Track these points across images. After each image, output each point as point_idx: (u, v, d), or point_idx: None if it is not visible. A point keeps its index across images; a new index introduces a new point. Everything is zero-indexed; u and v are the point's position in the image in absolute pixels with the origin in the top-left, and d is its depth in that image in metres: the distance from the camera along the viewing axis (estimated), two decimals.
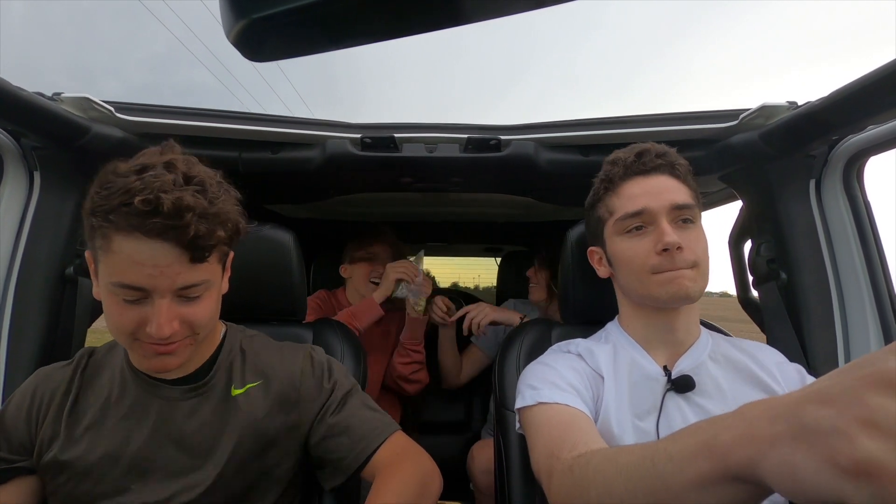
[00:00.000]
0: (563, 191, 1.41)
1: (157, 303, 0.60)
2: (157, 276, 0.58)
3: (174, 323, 0.61)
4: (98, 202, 0.58)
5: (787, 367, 0.75)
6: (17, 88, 0.74)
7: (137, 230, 0.57)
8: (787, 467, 0.30)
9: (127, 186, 0.56)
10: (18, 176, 0.93)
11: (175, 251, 0.58)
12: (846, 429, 0.27)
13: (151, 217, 0.56)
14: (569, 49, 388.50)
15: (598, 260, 0.85)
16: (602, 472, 0.49)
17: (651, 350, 0.77)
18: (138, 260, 0.57)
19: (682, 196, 0.74)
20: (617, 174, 0.77)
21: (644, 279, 0.73)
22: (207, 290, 0.65)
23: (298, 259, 0.96)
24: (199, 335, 0.66)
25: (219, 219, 0.61)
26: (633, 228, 0.75)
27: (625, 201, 0.75)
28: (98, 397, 0.71)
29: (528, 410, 0.72)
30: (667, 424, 0.69)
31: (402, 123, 1.02)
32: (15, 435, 0.68)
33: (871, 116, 0.78)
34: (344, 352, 0.99)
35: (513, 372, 0.93)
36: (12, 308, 0.90)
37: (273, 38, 0.27)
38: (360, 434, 0.73)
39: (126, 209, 0.56)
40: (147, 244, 0.57)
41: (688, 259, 0.71)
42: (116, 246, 0.58)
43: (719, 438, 0.36)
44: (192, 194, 0.58)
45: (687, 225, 0.73)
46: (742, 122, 0.93)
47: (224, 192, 0.64)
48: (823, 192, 0.98)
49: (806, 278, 0.95)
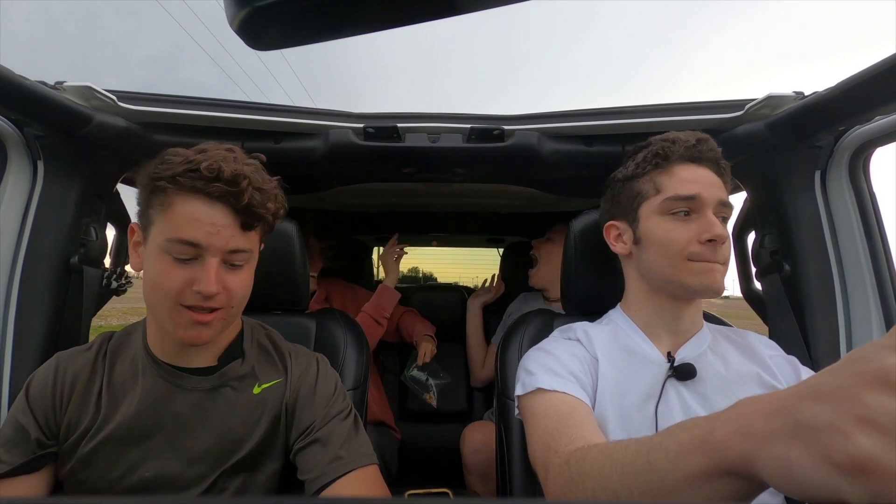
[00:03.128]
0: (566, 181, 1.40)
1: (209, 261, 0.64)
2: (214, 235, 0.64)
3: (220, 284, 0.65)
4: (161, 170, 0.64)
5: (781, 359, 0.76)
6: (20, 77, 0.74)
7: (200, 192, 0.63)
8: (783, 463, 0.30)
9: (191, 157, 0.64)
10: (22, 165, 0.93)
11: (230, 216, 0.65)
12: (842, 425, 0.27)
13: (214, 182, 0.62)
14: (571, 40, 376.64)
15: (616, 236, 0.82)
16: (598, 466, 0.49)
17: (653, 336, 0.77)
18: (198, 217, 0.63)
19: (725, 194, 0.75)
20: (675, 153, 0.75)
21: (678, 264, 0.72)
22: (248, 261, 0.70)
23: (301, 249, 0.97)
24: (234, 309, 0.69)
25: (269, 194, 0.68)
26: (679, 212, 0.73)
27: (677, 183, 0.74)
28: (119, 383, 0.71)
29: (527, 397, 0.72)
30: (666, 411, 0.69)
31: (404, 113, 1.02)
32: (42, 417, 0.69)
33: (878, 107, 0.77)
34: (347, 341, 0.99)
35: (514, 361, 0.93)
36: (18, 297, 0.91)
37: (276, 26, 0.27)
38: (339, 454, 0.71)
39: (192, 174, 0.63)
40: (207, 205, 0.64)
41: (724, 255, 0.71)
42: (178, 206, 0.63)
43: (715, 434, 0.36)
44: (249, 168, 0.66)
45: (724, 223, 0.74)
46: (748, 113, 0.93)
47: (272, 180, 0.71)
48: (829, 184, 0.97)
49: (809, 270, 0.95)
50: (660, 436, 0.44)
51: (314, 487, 0.69)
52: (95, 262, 1.01)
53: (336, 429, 0.73)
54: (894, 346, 0.28)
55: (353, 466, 0.70)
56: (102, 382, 0.71)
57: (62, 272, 0.95)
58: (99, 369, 0.72)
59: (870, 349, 0.29)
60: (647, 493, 0.42)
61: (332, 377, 0.80)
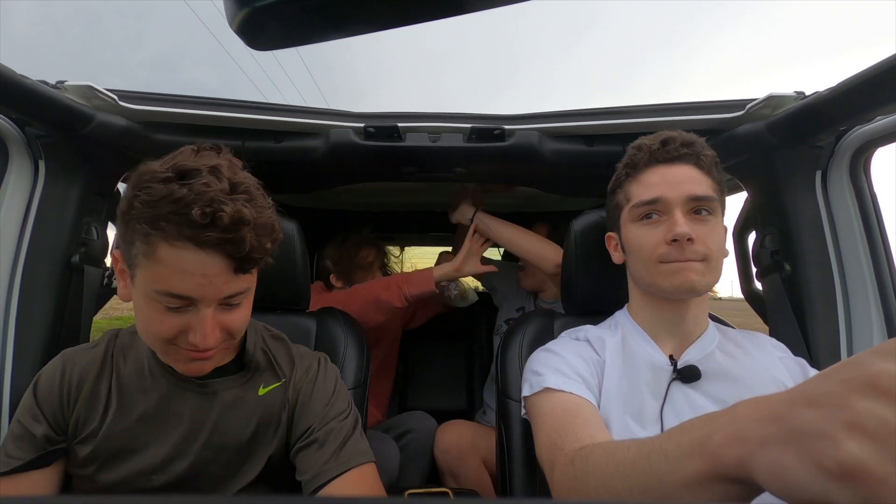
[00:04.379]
0: (566, 181, 1.40)
1: (203, 312, 0.59)
2: (206, 286, 0.57)
3: (217, 332, 0.61)
4: (142, 209, 0.55)
5: (791, 361, 0.75)
6: (22, 77, 0.74)
7: (190, 241, 0.55)
8: (777, 468, 0.30)
9: (176, 195, 0.54)
10: (23, 164, 0.93)
11: (224, 262, 0.57)
12: (832, 432, 0.27)
13: (207, 230, 0.54)
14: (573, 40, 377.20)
15: (614, 246, 0.85)
16: (601, 467, 0.50)
17: (658, 339, 0.77)
18: (187, 269, 0.56)
19: (701, 188, 0.72)
20: (641, 160, 0.76)
21: (651, 268, 0.73)
22: (247, 297, 0.65)
23: (302, 248, 0.97)
24: (234, 340, 0.67)
25: (267, 230, 0.60)
26: (645, 216, 0.75)
27: (642, 189, 0.75)
28: (127, 384, 0.71)
29: (534, 397, 0.72)
30: (673, 413, 0.70)
31: (405, 113, 1.02)
32: (51, 414, 0.69)
33: (879, 107, 0.77)
34: (347, 341, 0.99)
35: (515, 362, 0.93)
36: (19, 296, 0.91)
37: (276, 26, 0.27)
38: (336, 453, 0.71)
39: (178, 219, 0.54)
40: (197, 255, 0.56)
41: (698, 251, 0.70)
42: (163, 255, 0.56)
43: (713, 438, 0.36)
44: (245, 205, 0.57)
45: (703, 217, 0.72)
46: (749, 112, 0.93)
47: (266, 200, 0.63)
48: (829, 184, 0.97)
49: (810, 270, 0.95)
50: (661, 438, 0.44)
51: (310, 488, 0.69)
52: (96, 261, 1.01)
53: (334, 430, 0.73)
54: (885, 351, 0.28)
55: (349, 466, 0.70)
56: (111, 382, 0.71)
57: (63, 271, 0.95)
58: (107, 368, 0.72)
59: (862, 355, 0.30)
60: (648, 495, 0.42)
61: (333, 377, 0.80)
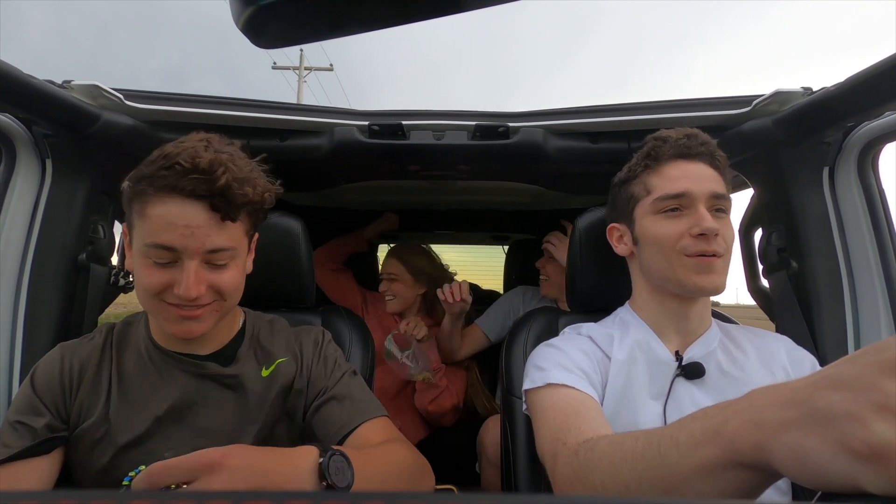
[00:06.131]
0: (571, 178, 1.40)
1: (187, 264, 0.63)
2: (189, 237, 0.62)
3: (201, 286, 0.64)
4: (140, 171, 0.64)
5: (798, 353, 0.75)
6: (28, 76, 0.74)
7: (173, 191, 0.61)
8: (799, 452, 0.30)
9: (165, 152, 0.63)
10: (30, 163, 0.94)
11: (206, 212, 0.63)
12: (860, 413, 0.27)
13: (188, 174, 0.60)
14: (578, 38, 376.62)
15: (618, 238, 0.84)
16: (608, 457, 0.49)
17: (662, 335, 0.77)
18: (172, 220, 0.62)
19: (720, 186, 0.74)
20: (664, 153, 0.76)
21: (673, 260, 0.73)
22: (233, 258, 0.68)
23: (307, 246, 0.97)
24: (227, 302, 0.69)
25: (248, 180, 0.66)
26: (669, 210, 0.74)
27: (666, 182, 0.75)
28: (128, 373, 0.72)
29: (536, 392, 0.72)
30: (676, 409, 0.69)
31: (409, 111, 1.02)
32: (52, 404, 0.69)
33: (887, 103, 0.76)
34: (352, 338, 1.00)
35: (520, 359, 0.93)
36: (27, 295, 0.92)
37: (281, 24, 0.27)
38: (354, 406, 0.74)
39: (165, 172, 0.61)
40: (180, 205, 0.62)
41: (720, 246, 0.71)
42: (151, 209, 0.62)
43: (728, 425, 0.36)
44: (226, 157, 0.64)
45: (720, 215, 0.74)
46: (755, 109, 0.92)
47: (254, 166, 0.69)
48: (837, 181, 0.96)
49: (817, 267, 0.94)
50: (671, 427, 0.44)
51: (336, 439, 0.71)
52: (103, 259, 1.02)
53: (349, 384, 0.77)
54: None
55: (372, 415, 0.74)
56: (111, 371, 0.72)
57: (70, 269, 0.96)
58: (107, 358, 0.73)
59: (888, 340, 0.30)
60: (658, 485, 0.42)
61: (335, 346, 0.85)
